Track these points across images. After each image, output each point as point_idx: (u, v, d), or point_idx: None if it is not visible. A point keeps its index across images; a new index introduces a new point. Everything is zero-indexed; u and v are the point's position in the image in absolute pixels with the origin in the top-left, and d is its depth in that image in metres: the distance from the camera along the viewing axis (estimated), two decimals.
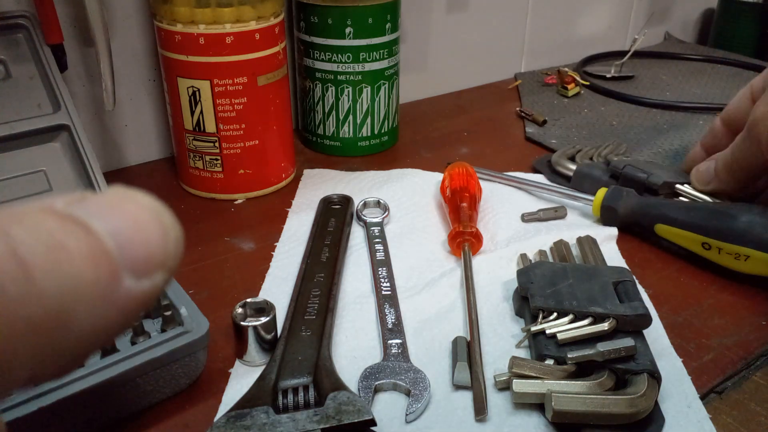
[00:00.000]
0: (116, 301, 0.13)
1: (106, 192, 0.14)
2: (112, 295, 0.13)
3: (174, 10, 0.52)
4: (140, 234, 0.14)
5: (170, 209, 0.15)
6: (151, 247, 0.14)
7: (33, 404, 0.32)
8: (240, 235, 0.53)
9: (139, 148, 0.66)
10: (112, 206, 0.14)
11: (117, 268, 0.13)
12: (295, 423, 0.33)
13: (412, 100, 0.82)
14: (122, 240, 0.14)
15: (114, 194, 0.14)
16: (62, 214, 0.13)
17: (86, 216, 0.13)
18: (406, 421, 0.35)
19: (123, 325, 0.14)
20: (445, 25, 0.82)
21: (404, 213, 0.56)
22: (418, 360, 0.39)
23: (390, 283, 0.46)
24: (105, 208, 0.14)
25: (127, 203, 0.14)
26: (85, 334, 0.13)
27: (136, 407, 0.36)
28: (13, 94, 0.49)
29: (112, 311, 0.13)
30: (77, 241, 0.13)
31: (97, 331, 0.13)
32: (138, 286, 0.14)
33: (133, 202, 0.14)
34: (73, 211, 0.13)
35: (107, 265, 0.13)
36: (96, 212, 0.14)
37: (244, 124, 0.56)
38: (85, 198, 0.14)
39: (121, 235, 0.14)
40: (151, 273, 0.14)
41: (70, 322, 0.13)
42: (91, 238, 0.13)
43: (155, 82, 0.64)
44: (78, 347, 0.13)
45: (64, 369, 0.13)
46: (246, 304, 0.40)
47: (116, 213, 0.14)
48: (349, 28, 0.61)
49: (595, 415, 0.34)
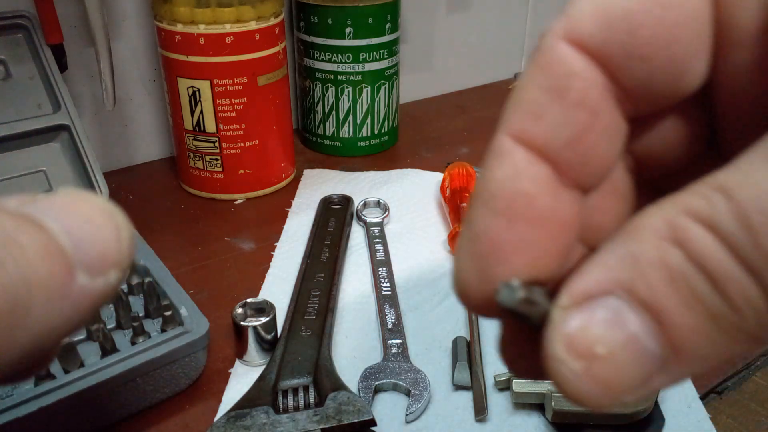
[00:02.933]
0: (71, 297, 0.14)
1: (58, 193, 0.15)
2: (67, 291, 0.13)
3: (174, 10, 0.52)
4: (94, 233, 0.14)
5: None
6: (104, 246, 0.14)
7: (33, 404, 0.32)
8: (240, 235, 0.53)
9: (139, 148, 0.66)
10: (64, 206, 0.14)
11: (71, 265, 0.14)
12: (295, 423, 0.33)
13: (412, 100, 0.82)
14: (76, 238, 0.14)
15: (66, 195, 0.15)
16: (15, 212, 0.13)
17: (39, 214, 0.14)
18: (406, 421, 0.35)
19: (77, 322, 0.14)
20: (445, 25, 0.82)
21: (404, 213, 0.56)
22: (418, 360, 0.39)
23: (390, 283, 0.46)
24: (58, 207, 0.14)
25: (80, 203, 0.14)
26: (39, 329, 0.13)
27: (136, 407, 0.36)
28: (13, 94, 0.49)
29: (66, 307, 0.14)
30: (30, 238, 0.13)
31: (52, 326, 0.13)
32: (92, 284, 0.14)
33: (86, 202, 0.15)
34: (27, 210, 0.14)
35: (61, 261, 0.13)
36: (49, 211, 0.14)
37: (244, 124, 0.56)
38: (38, 199, 0.14)
39: (75, 233, 0.14)
40: (105, 271, 0.14)
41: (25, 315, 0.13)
42: (44, 234, 0.13)
43: (155, 82, 0.64)
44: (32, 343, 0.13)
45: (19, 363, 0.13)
46: (246, 304, 0.40)
47: (69, 212, 0.14)
48: (349, 28, 0.61)
49: (595, 415, 0.34)
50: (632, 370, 0.13)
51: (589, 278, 0.13)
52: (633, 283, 0.13)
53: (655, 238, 0.13)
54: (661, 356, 0.13)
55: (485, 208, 0.15)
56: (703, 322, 0.13)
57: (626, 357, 0.13)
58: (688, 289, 0.13)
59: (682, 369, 0.13)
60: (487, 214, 0.15)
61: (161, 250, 0.45)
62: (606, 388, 0.13)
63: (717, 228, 0.12)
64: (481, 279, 0.15)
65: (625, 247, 0.13)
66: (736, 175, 0.12)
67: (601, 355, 0.13)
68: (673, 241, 0.13)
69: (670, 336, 0.13)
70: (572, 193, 0.15)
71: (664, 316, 0.13)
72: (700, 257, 0.12)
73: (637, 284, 0.13)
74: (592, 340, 0.13)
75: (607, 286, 0.13)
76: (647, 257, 0.13)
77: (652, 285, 0.13)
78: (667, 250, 0.13)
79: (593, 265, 0.14)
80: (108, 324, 0.39)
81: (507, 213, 0.15)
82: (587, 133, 0.15)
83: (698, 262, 0.12)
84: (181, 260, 0.50)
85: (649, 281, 0.13)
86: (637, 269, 0.13)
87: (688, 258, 0.12)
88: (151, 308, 0.41)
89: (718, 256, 0.12)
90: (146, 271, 0.43)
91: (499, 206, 0.15)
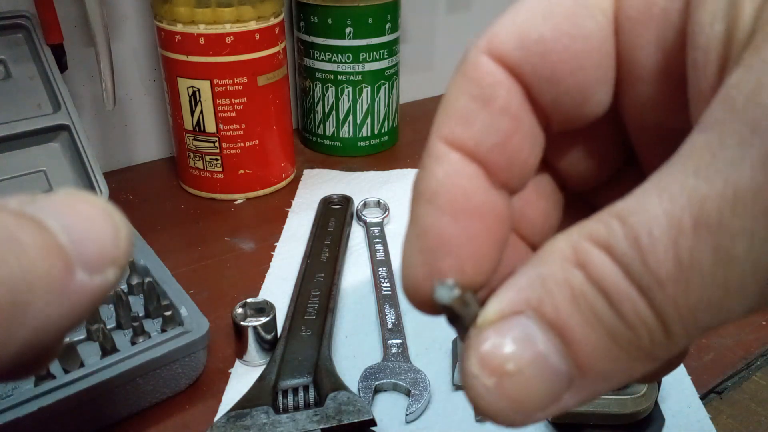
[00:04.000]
0: (70, 294, 0.14)
1: (58, 193, 0.15)
2: (66, 288, 0.14)
3: (174, 10, 0.52)
4: (92, 231, 0.14)
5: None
6: (103, 244, 0.14)
7: (33, 404, 0.32)
8: (240, 235, 0.53)
9: (139, 148, 0.66)
10: (64, 205, 0.14)
11: (70, 262, 0.14)
12: (295, 423, 0.33)
13: (412, 100, 0.82)
14: (75, 236, 0.14)
15: (66, 195, 0.15)
16: (16, 211, 0.14)
17: (39, 214, 0.14)
18: (406, 421, 0.35)
19: (75, 319, 0.14)
20: (445, 25, 0.82)
21: (404, 213, 0.56)
22: (418, 360, 0.39)
23: (390, 283, 0.46)
24: (58, 207, 0.14)
25: (79, 203, 0.15)
26: (38, 325, 0.13)
27: (136, 407, 0.36)
28: (13, 94, 0.49)
29: (65, 304, 0.14)
30: (31, 235, 0.13)
31: (52, 323, 0.14)
32: (91, 281, 0.14)
33: (85, 201, 0.15)
34: (27, 210, 0.14)
35: (60, 259, 0.14)
36: (49, 211, 0.14)
37: (244, 124, 0.56)
38: (37, 198, 0.14)
39: (74, 231, 0.14)
40: (103, 269, 0.14)
41: (25, 313, 0.13)
42: (44, 233, 0.14)
43: (155, 82, 0.64)
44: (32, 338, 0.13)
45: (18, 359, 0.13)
46: (246, 304, 0.40)
47: (68, 211, 0.14)
48: (349, 28, 0.61)
49: (595, 415, 0.34)
50: (541, 387, 0.14)
51: (503, 298, 0.14)
52: (540, 303, 0.14)
53: (560, 261, 0.14)
54: (568, 374, 0.14)
55: (429, 205, 0.16)
56: (603, 340, 0.13)
57: (534, 374, 0.14)
58: (588, 309, 0.13)
59: (589, 387, 0.14)
60: (432, 211, 0.16)
61: (161, 250, 0.45)
62: (516, 404, 0.14)
63: (613, 250, 0.13)
64: (428, 273, 0.16)
65: (536, 269, 0.14)
66: (631, 203, 0.13)
67: (511, 372, 0.14)
68: (576, 264, 0.13)
69: (574, 354, 0.14)
70: (501, 192, 0.16)
71: (568, 334, 0.13)
72: (598, 278, 0.13)
73: (545, 304, 0.14)
74: (503, 358, 0.14)
75: (519, 306, 0.14)
76: (553, 279, 0.14)
77: (557, 305, 0.14)
78: (570, 271, 0.13)
79: (508, 287, 0.14)
80: (108, 324, 0.39)
81: (450, 209, 0.16)
82: (511, 137, 0.16)
83: (597, 282, 0.13)
84: (181, 260, 0.50)
85: (554, 301, 0.14)
86: (544, 289, 0.14)
87: (588, 279, 0.13)
88: (151, 308, 0.41)
89: (613, 276, 0.13)
90: (146, 271, 0.43)
91: (442, 203, 0.16)
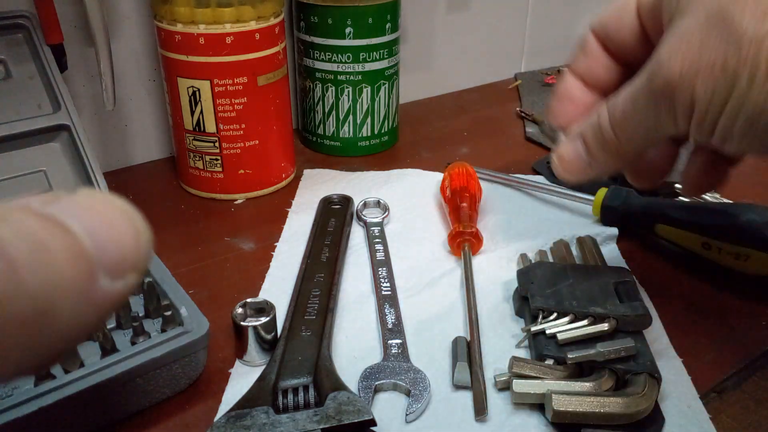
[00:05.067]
0: (93, 299, 0.14)
1: (79, 193, 0.15)
2: (90, 293, 0.14)
3: (174, 10, 0.52)
4: (115, 236, 0.14)
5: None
6: (124, 249, 0.14)
7: (33, 404, 0.32)
8: (240, 235, 0.53)
9: (139, 148, 0.66)
10: (86, 207, 0.14)
11: (94, 268, 0.14)
12: (295, 423, 0.33)
13: (412, 100, 0.82)
14: (98, 241, 0.14)
15: (87, 195, 0.15)
16: (41, 213, 0.14)
17: (63, 216, 0.14)
18: (406, 421, 0.35)
19: (97, 323, 0.14)
20: (445, 25, 0.82)
21: (404, 213, 0.56)
22: (418, 360, 0.39)
23: (390, 283, 0.46)
24: (81, 209, 0.14)
25: (101, 205, 0.15)
26: (65, 330, 0.13)
27: (136, 407, 0.36)
28: (13, 94, 0.49)
29: (89, 309, 0.14)
30: (57, 241, 0.13)
31: (77, 327, 0.14)
32: (112, 287, 0.14)
33: (106, 203, 0.15)
34: (51, 211, 0.14)
35: (85, 265, 0.14)
36: (72, 213, 0.14)
37: (244, 124, 0.56)
38: (60, 198, 0.14)
39: (97, 236, 0.14)
40: (125, 274, 0.14)
41: (54, 319, 0.13)
42: (69, 238, 0.14)
43: (155, 82, 0.64)
44: (58, 343, 0.13)
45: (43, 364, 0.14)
46: (246, 304, 0.40)
47: (91, 214, 0.14)
48: (349, 28, 0.61)
49: (595, 416, 0.33)
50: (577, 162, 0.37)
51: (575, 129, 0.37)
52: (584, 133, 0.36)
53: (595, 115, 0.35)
54: (587, 160, 0.36)
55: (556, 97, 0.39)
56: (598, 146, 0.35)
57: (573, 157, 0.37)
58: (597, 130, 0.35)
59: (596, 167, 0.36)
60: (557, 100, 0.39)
61: (161, 250, 0.45)
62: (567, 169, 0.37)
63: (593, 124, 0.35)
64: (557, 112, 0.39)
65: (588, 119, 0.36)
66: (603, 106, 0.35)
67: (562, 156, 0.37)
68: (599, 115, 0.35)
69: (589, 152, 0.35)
70: (594, 93, 0.39)
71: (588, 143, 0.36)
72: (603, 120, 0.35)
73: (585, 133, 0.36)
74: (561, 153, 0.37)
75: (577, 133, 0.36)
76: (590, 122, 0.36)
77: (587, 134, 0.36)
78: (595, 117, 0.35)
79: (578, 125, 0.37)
80: (108, 324, 0.39)
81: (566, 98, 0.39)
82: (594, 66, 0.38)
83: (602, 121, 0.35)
84: (181, 260, 0.50)
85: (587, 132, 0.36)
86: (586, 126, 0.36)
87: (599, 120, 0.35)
88: (151, 308, 0.41)
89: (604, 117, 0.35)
90: (146, 271, 0.43)
91: (562, 96, 0.39)
